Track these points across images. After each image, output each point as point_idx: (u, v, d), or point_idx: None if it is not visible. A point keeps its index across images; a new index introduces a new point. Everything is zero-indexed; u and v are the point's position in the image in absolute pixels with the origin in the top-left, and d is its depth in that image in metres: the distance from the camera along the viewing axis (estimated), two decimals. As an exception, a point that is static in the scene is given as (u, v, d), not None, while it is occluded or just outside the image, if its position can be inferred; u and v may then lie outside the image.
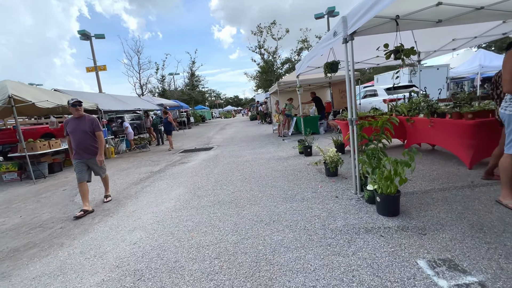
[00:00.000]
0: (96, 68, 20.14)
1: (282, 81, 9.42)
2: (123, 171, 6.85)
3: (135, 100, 14.51)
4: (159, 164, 7.46)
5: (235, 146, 9.34)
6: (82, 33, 19.42)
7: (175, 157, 8.43)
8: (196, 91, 31.74)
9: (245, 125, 20.16)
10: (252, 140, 10.67)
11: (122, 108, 11.33)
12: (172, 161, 7.74)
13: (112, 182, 5.72)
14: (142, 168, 7.02)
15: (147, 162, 8.00)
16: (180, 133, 18.04)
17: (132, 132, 11.59)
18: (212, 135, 14.75)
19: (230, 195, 3.97)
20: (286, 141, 9.28)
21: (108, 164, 8.16)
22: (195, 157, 8.02)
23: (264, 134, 12.28)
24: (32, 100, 6.49)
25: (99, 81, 20.15)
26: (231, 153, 7.97)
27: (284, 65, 28.92)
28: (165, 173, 6.15)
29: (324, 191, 3.64)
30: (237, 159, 6.87)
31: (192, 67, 32.64)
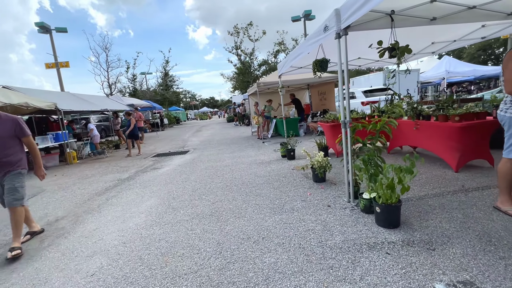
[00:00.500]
0: (57, 65, 18.37)
1: (262, 82, 9.13)
2: (86, 179, 6.06)
3: (102, 100, 13.36)
4: (129, 170, 6.75)
5: (213, 150, 8.85)
6: (40, 26, 17.61)
7: (147, 162, 7.74)
8: (170, 92, 30.43)
9: (222, 127, 19.63)
10: (231, 142, 10.23)
11: (87, 108, 10.28)
12: (143, 166, 7.06)
13: (71, 193, 4.97)
14: (108, 176, 6.28)
15: (114, 168, 7.22)
16: (152, 135, 17.02)
17: (98, 135, 10.57)
18: (187, 138, 14.04)
19: (210, 206, 3.53)
20: (266, 143, 8.98)
21: (70, 171, 7.25)
22: (169, 162, 7.40)
23: (243, 137, 11.89)
24: (-29, 98, 5.50)
25: (60, 78, 18.40)
26: (209, 157, 7.48)
27: (261, 67, 28.81)
28: (135, 180, 5.51)
29: (314, 199, 3.35)
30: (216, 163, 6.41)
31: (166, 66, 31.32)
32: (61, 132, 8.41)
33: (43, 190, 5.38)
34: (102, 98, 14.56)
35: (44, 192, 5.19)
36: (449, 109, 4.03)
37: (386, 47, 2.86)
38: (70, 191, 5.14)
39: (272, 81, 9.20)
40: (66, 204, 4.33)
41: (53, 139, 8.31)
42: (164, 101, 28.60)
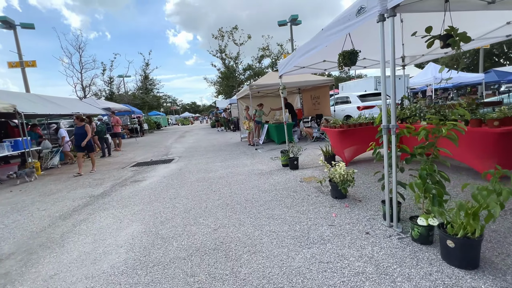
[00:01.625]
0: (22, 64, 16.57)
1: (255, 84, 8.49)
2: (49, 196, 5.00)
3: (74, 103, 12.02)
4: (103, 183, 5.74)
5: (201, 158, 8.00)
6: (2, 20, 15.83)
7: (126, 173, 6.73)
8: (150, 96, 28.91)
9: (207, 133, 18.70)
10: (220, 149, 9.42)
11: (55, 112, 9.03)
12: (121, 178, 6.07)
13: (28, 216, 3.94)
14: (78, 191, 5.25)
15: (86, 181, 6.16)
16: (131, 142, 15.73)
17: (69, 142, 9.32)
18: (170, 144, 13.01)
19: (212, 234, 2.76)
20: (260, 150, 8.29)
21: (30, 185, 6.08)
22: (152, 172, 6.46)
23: (232, 143, 11.12)
24: None
25: (26, 79, 16.59)
26: (198, 166, 6.64)
27: (246, 72, 28.28)
28: (111, 197, 4.57)
29: (344, 223, 2.69)
30: (208, 174, 5.61)
31: (146, 69, 29.82)
32: (22, 138, 7.17)
33: (-10, 213, 4.28)
34: (74, 101, 13.15)
35: None
36: (484, 113, 3.59)
37: (437, 35, 2.31)
38: (27, 213, 4.10)
39: (266, 84, 8.59)
40: (17, 233, 3.33)
41: (10, 147, 7.05)
42: (144, 105, 27.09)
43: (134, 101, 25.75)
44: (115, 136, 11.95)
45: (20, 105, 7.45)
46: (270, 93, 11.41)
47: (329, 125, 5.24)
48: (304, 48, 3.96)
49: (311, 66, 5.52)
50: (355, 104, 9.50)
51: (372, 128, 4.99)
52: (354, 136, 4.93)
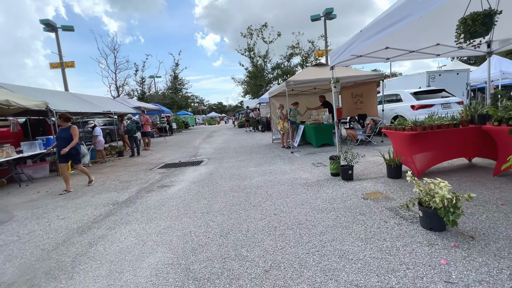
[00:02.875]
0: (62, 64, 17.35)
1: (292, 80, 7.60)
2: (73, 200, 4.58)
3: (106, 101, 12.07)
4: (130, 187, 5.25)
5: (232, 160, 7.31)
6: (45, 23, 16.65)
7: (153, 175, 6.24)
8: (179, 95, 29.28)
9: (235, 133, 18.15)
10: (251, 151, 8.69)
11: (87, 110, 8.94)
12: (148, 182, 5.56)
13: (45, 226, 3.46)
14: (102, 195, 4.79)
15: (112, 183, 5.74)
16: (160, 141, 15.66)
17: (102, 141, 9.17)
18: (198, 144, 12.58)
19: (263, 280, 1.96)
20: (297, 154, 7.40)
21: (57, 186, 5.78)
22: (180, 176, 5.88)
23: (263, 144, 10.34)
24: None
25: (65, 79, 17.36)
26: (230, 171, 5.94)
27: (275, 71, 27.40)
28: (135, 206, 3.99)
29: (469, 279, 1.74)
30: (243, 182, 4.86)
31: (175, 69, 30.26)
32: (53, 136, 7.03)
33: (11, 218, 3.91)
34: (106, 99, 13.30)
35: (10, 223, 3.71)
36: None
37: None
38: (45, 221, 3.65)
39: (304, 79, 7.67)
40: (27, 250, 2.82)
41: (42, 145, 6.93)
42: (173, 104, 27.43)
43: (164, 101, 26.15)
44: (145, 135, 11.77)
45: (53, 102, 7.34)
46: (306, 91, 10.45)
47: (395, 127, 4.21)
48: (379, 25, 3.00)
49: (370, 54, 4.52)
50: (408, 102, 8.19)
51: (456, 131, 3.88)
52: (431, 140, 3.86)
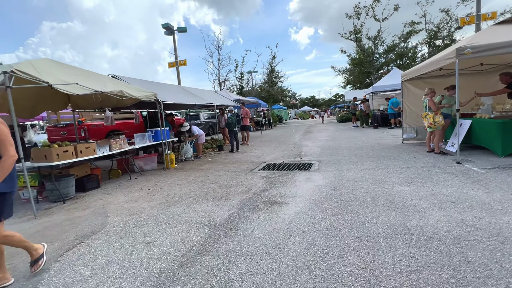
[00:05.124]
0: (177, 63, 19.31)
1: (472, 46, 4.63)
2: (167, 208, 3.72)
3: (210, 94, 12.09)
4: (230, 196, 4.07)
5: (355, 167, 5.24)
6: (165, 27, 18.79)
7: (256, 180, 4.95)
8: (275, 88, 28.73)
9: (338, 129, 15.57)
10: (379, 155, 6.30)
11: (193, 101, 8.73)
12: (251, 190, 4.26)
13: (124, 251, 2.52)
14: (199, 205, 3.75)
15: (211, 187, 4.76)
16: (257, 135, 15.00)
17: (203, 135, 8.86)
18: (299, 141, 10.96)
19: None
20: (471, 166, 4.59)
21: (160, 182, 5.26)
22: (290, 186, 4.32)
23: (390, 145, 7.66)
24: (50, 81, 4.03)
25: (179, 77, 19.26)
26: (364, 186, 3.93)
27: (388, 54, 22.59)
28: (238, 240, 2.62)
29: None
30: (406, 218, 2.79)
31: (272, 62, 29.76)
32: (160, 129, 6.86)
33: (103, 227, 3.27)
34: (210, 92, 13.49)
35: (97, 236, 3.02)
36: None
37: None
38: (126, 247, 2.74)
39: (498, 43, 4.58)
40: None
41: (151, 137, 6.85)
42: (269, 98, 27.06)
43: (260, 94, 26.04)
44: (243, 129, 11.10)
45: (162, 94, 7.22)
46: (466, 69, 6.97)
47: None
48: None
49: None
50: None
51: None
52: None
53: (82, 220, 3.54)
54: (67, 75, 4.87)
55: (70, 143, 4.75)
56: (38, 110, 6.33)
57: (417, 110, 7.57)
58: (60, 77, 4.55)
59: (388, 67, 22.65)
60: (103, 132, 9.17)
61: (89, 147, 4.86)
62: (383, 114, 13.70)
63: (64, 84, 4.31)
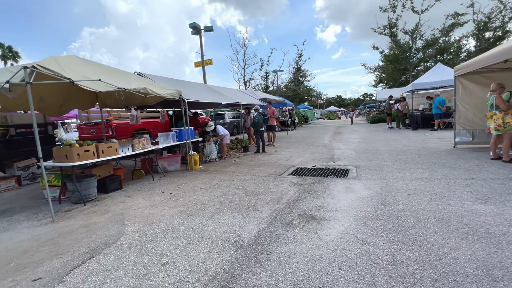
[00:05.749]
0: (203, 63, 19.30)
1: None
2: (188, 219, 3.30)
3: (234, 92, 11.72)
4: (258, 206, 3.56)
5: (402, 175, 4.46)
6: (192, 26, 18.85)
7: (286, 186, 4.39)
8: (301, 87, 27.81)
9: (370, 130, 14.42)
10: (430, 162, 5.41)
11: (219, 100, 8.38)
12: (282, 200, 3.71)
13: (137, 274, 2.10)
14: (224, 216, 3.28)
15: (237, 193, 4.29)
16: (283, 136, 14.38)
17: (228, 135, 8.47)
18: (329, 142, 10.17)
19: None
20: (561, 180, 3.63)
21: (183, 186, 4.88)
22: (327, 197, 3.70)
23: (439, 150, 6.66)
24: (72, 77, 3.81)
25: (204, 76, 19.23)
26: (422, 201, 3.19)
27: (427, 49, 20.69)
28: (272, 268, 2.09)
29: None
30: (498, 251, 2.07)
31: (299, 60, 28.84)
32: (185, 128, 6.55)
33: (118, 237, 2.92)
34: (235, 91, 13.14)
35: (109, 250, 2.66)
36: None
37: None
38: (141, 266, 2.34)
39: None
40: None
41: (175, 137, 6.58)
42: (295, 97, 26.23)
43: (286, 93, 25.32)
44: (269, 130, 10.55)
45: (187, 92, 6.93)
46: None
47: None
48: None
49: None
50: None
51: None
52: None
53: (98, 227, 3.24)
54: (92, 72, 4.68)
55: (92, 142, 4.55)
56: (66, 108, 6.33)
57: (473, 109, 6.50)
58: (84, 74, 4.35)
59: (426, 64, 20.76)
60: (130, 131, 9.16)
61: (111, 147, 4.63)
62: (424, 115, 12.38)
63: (86, 80, 4.09)
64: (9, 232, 3.33)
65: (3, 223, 3.68)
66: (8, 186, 5.77)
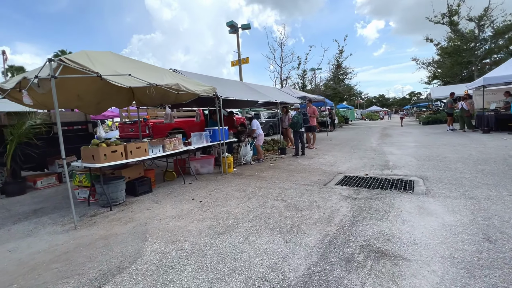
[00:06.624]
0: (240, 62, 19.01)
1: None
2: (217, 239, 2.70)
3: (271, 90, 11.04)
4: (303, 227, 2.81)
5: (499, 193, 3.32)
6: (230, 25, 18.67)
7: (335, 200, 3.56)
8: (342, 85, 25.97)
9: (426, 132, 12.54)
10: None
11: (255, 98, 7.78)
12: (332, 220, 2.91)
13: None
14: (261, 240, 2.60)
15: (276, 205, 3.59)
16: (322, 137, 13.27)
17: (262, 135, 7.83)
18: (378, 146, 8.91)
19: None
20: None
21: (213, 193, 4.31)
22: (397, 221, 2.80)
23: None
24: (101, 72, 3.50)
25: (241, 73, 18.94)
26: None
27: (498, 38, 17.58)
28: None
29: None
30: None
31: (339, 57, 27.00)
32: (219, 128, 6.06)
33: (133, 262, 2.43)
34: (272, 89, 12.46)
35: (121, 275, 2.16)
36: None
37: None
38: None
39: None
40: None
41: (209, 137, 6.12)
42: (335, 96, 24.59)
43: (325, 92, 23.85)
44: (309, 130, 9.64)
45: (222, 89, 6.45)
46: None
47: None
48: None
49: None
50: None
51: None
52: None
53: (117, 241, 2.80)
54: (125, 67, 4.37)
55: (121, 142, 4.25)
56: (103, 107, 6.27)
57: None
58: (116, 69, 4.04)
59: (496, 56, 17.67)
60: (166, 130, 9.06)
61: (140, 147, 4.28)
62: (499, 115, 10.28)
63: (114, 75, 3.76)
64: (31, 238, 3.08)
65: (31, 226, 3.50)
66: (49, 183, 5.86)
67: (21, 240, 3.03)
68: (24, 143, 5.42)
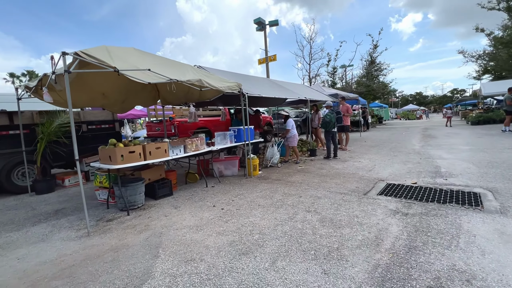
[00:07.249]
0: (267, 59, 18.51)
1: None
2: (235, 260, 2.24)
3: (300, 88, 10.38)
4: (344, 254, 2.24)
5: None
6: (257, 22, 18.27)
7: (380, 216, 2.91)
8: (376, 82, 24.18)
9: (478, 133, 10.94)
10: None
11: (282, 95, 7.23)
12: (381, 243, 2.29)
13: None
14: (289, 268, 2.09)
15: (307, 219, 3.04)
16: (355, 137, 12.28)
17: (296, 136, 7.21)
18: (421, 148, 7.86)
19: None
20: None
21: (236, 200, 3.87)
22: (471, 250, 2.10)
23: None
24: (119, 67, 3.23)
25: (268, 71, 18.44)
26: None
27: None
28: None
29: None
30: None
31: (373, 52, 25.20)
32: (244, 127, 5.63)
33: (141, 282, 2.06)
34: (301, 86, 11.77)
35: None
36: None
37: None
38: None
39: None
40: None
41: (233, 137, 5.72)
42: (369, 94, 23.00)
43: (358, 90, 22.41)
44: (342, 130, 8.85)
45: (247, 86, 6.02)
46: None
47: None
48: None
49: None
50: None
51: None
52: None
53: (127, 256, 2.47)
54: (147, 63, 4.09)
55: (139, 142, 3.99)
56: (128, 105, 6.18)
57: None
58: (136, 65, 3.78)
59: None
60: (191, 129, 8.89)
61: (160, 148, 3.99)
62: None
63: (133, 70, 3.48)
64: (43, 244, 2.90)
65: (48, 229, 3.36)
66: (76, 181, 5.90)
67: (33, 246, 2.85)
68: (53, 142, 5.48)
